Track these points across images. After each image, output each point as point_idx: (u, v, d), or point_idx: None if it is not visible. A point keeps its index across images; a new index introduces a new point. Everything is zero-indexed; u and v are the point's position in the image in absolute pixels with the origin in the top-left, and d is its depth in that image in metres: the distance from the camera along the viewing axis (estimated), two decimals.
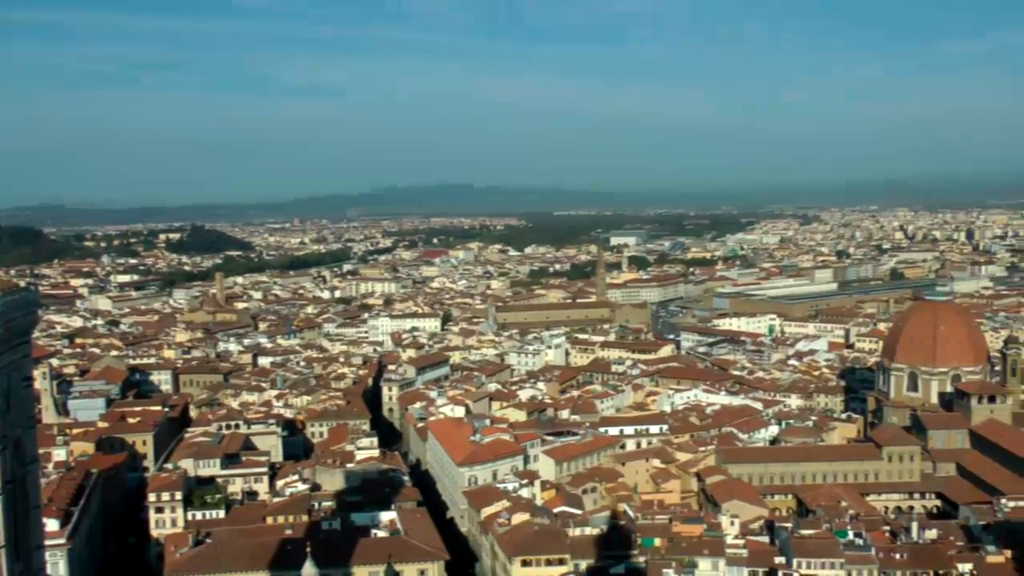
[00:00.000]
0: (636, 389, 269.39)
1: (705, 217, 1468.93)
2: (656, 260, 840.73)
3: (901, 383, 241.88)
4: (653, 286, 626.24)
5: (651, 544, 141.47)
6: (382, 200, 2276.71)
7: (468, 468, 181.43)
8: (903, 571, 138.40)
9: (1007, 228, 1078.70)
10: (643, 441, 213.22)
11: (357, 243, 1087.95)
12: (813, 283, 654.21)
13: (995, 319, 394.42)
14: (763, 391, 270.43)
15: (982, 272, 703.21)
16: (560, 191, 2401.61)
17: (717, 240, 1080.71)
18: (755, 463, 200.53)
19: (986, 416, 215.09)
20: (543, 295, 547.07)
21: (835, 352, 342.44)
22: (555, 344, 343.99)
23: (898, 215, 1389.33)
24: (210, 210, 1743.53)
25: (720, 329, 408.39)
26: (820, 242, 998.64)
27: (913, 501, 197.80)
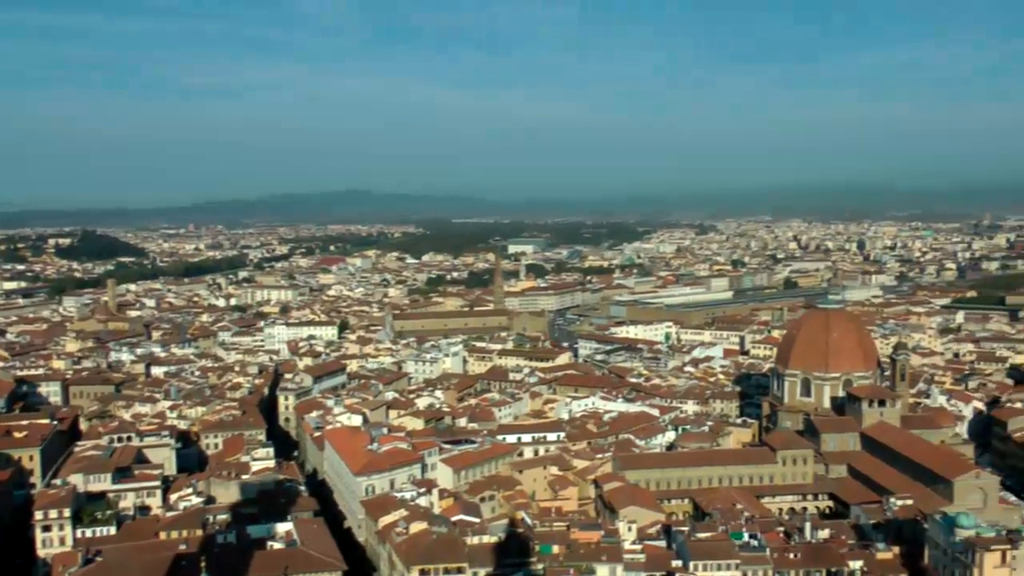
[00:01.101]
0: (534, 397, 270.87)
1: (603, 226, 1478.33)
2: (554, 268, 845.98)
3: (795, 388, 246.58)
4: (551, 294, 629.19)
5: (549, 551, 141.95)
6: (279, 206, 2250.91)
7: (365, 477, 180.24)
8: (797, 570, 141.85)
9: (896, 239, 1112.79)
10: (541, 449, 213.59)
11: (253, 250, 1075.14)
12: (709, 291, 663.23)
13: (885, 326, 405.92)
14: (660, 398, 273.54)
15: (872, 281, 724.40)
16: (458, 199, 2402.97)
17: (614, 248, 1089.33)
18: (652, 469, 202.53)
19: (876, 419, 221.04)
20: (441, 303, 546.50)
21: (730, 359, 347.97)
22: (453, 352, 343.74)
23: (792, 226, 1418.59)
24: (103, 214, 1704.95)
25: (617, 337, 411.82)
26: (716, 251, 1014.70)
27: (806, 502, 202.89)
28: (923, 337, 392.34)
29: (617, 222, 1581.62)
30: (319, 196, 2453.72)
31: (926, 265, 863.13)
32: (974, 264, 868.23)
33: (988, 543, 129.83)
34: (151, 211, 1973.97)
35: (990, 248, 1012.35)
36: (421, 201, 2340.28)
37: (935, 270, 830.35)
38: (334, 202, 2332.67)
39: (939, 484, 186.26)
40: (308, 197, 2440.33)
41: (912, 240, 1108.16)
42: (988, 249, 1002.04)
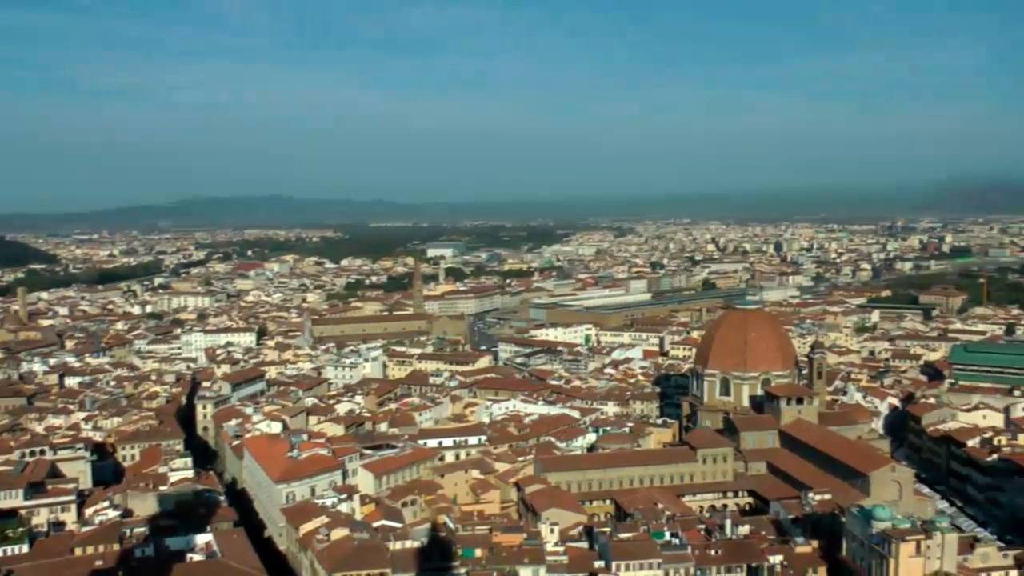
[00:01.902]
0: (454, 401, 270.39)
1: (522, 229, 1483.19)
2: (473, 272, 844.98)
3: (714, 388, 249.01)
4: (470, 298, 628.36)
5: (472, 555, 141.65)
6: (195, 210, 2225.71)
7: (285, 485, 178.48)
8: (718, 567, 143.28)
9: (813, 241, 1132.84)
10: (462, 452, 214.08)
11: (169, 255, 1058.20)
12: (628, 293, 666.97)
13: (802, 326, 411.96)
14: (580, 399, 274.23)
15: (789, 282, 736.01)
16: (377, 203, 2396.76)
17: (534, 251, 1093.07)
18: (573, 471, 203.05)
19: (794, 417, 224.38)
20: (360, 308, 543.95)
21: (650, 360, 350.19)
22: (372, 357, 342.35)
23: (710, 228, 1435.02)
24: (11, 220, 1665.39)
25: (537, 339, 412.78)
26: (635, 253, 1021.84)
27: (727, 500, 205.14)
28: (839, 336, 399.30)
29: (536, 225, 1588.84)
30: (236, 200, 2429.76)
31: (842, 266, 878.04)
32: (888, 265, 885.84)
33: (903, 534, 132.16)
34: (62, 216, 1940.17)
35: (904, 249, 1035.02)
36: (339, 205, 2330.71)
37: (851, 271, 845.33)
38: (251, 206, 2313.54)
39: (856, 478, 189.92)
40: (224, 201, 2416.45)
41: (828, 242, 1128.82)
42: (902, 250, 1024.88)
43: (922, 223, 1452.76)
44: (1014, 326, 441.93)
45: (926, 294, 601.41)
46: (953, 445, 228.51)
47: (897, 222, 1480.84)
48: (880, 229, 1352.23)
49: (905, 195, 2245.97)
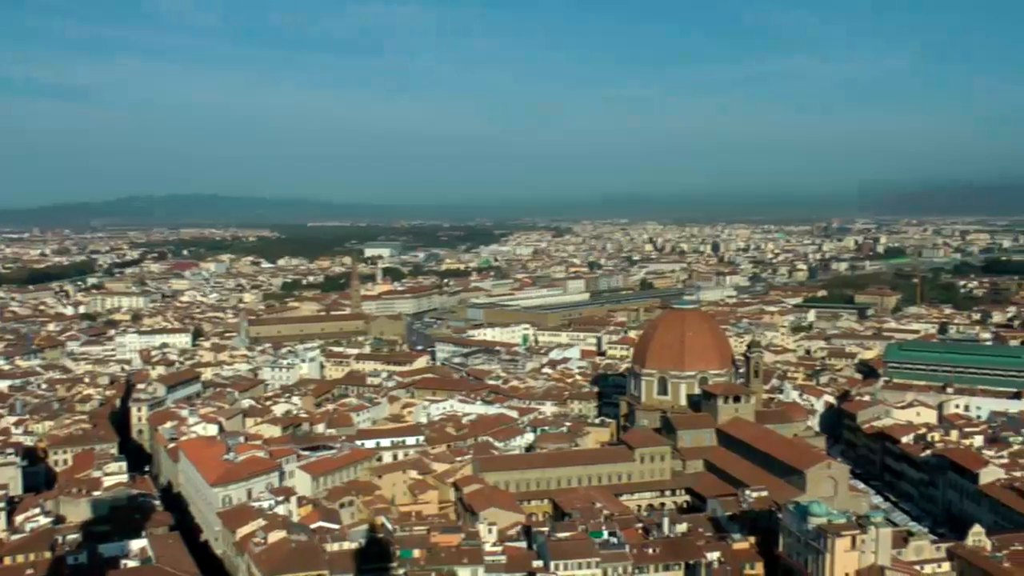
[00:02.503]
0: (392, 401, 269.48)
1: (460, 229, 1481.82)
2: (411, 272, 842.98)
3: (652, 387, 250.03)
4: (408, 298, 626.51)
5: (410, 556, 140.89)
6: (130, 210, 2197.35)
7: (222, 488, 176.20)
8: (656, 565, 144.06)
9: (749, 241, 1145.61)
10: (400, 453, 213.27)
11: (102, 255, 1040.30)
12: (566, 293, 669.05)
13: (739, 325, 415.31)
14: (518, 399, 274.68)
15: (726, 282, 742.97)
16: (314, 203, 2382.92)
17: (471, 251, 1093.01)
18: (511, 470, 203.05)
19: (731, 415, 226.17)
20: (297, 308, 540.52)
21: (588, 359, 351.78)
22: (309, 357, 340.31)
23: (647, 228, 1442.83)
24: None
25: (475, 339, 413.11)
26: (572, 253, 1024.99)
27: (664, 498, 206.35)
28: (776, 335, 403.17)
29: (474, 225, 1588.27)
30: (171, 199, 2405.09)
31: (778, 266, 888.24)
32: (824, 265, 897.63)
33: (839, 529, 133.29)
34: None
35: (839, 250, 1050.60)
36: (276, 205, 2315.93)
37: (787, 271, 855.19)
38: (187, 205, 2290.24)
39: (792, 475, 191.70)
40: (159, 200, 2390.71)
41: (765, 242, 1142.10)
42: (837, 251, 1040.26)
43: (857, 224, 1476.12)
44: (947, 325, 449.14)
45: (861, 294, 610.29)
46: (888, 442, 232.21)
47: (833, 223, 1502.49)
48: (816, 230, 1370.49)
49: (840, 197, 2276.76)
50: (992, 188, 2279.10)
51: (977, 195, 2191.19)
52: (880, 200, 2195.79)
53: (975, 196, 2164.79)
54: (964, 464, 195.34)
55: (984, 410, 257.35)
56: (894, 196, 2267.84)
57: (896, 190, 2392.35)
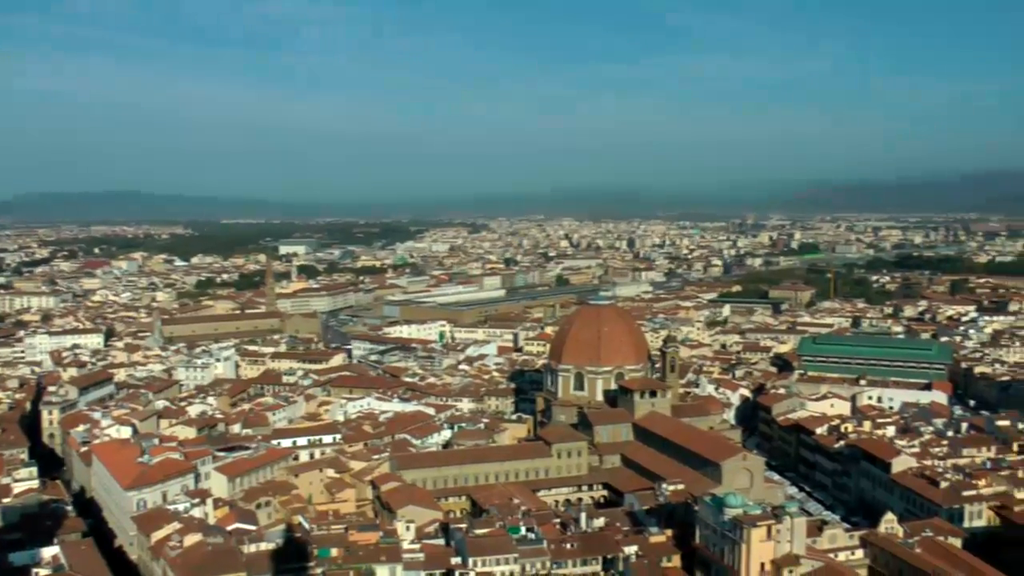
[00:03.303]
0: (308, 399, 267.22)
1: (375, 226, 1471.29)
2: (326, 269, 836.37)
3: (568, 383, 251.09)
4: (323, 295, 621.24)
5: (327, 555, 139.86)
6: (37, 206, 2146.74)
7: (136, 491, 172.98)
8: (574, 560, 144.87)
9: (665, 237, 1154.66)
10: (317, 452, 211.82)
11: (10, 253, 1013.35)
12: (482, 290, 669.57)
13: (655, 321, 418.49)
14: (435, 396, 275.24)
15: (642, 277, 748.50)
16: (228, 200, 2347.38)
17: (387, 248, 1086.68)
18: (429, 468, 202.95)
19: (648, 410, 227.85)
20: (211, 306, 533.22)
21: (504, 356, 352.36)
22: (224, 357, 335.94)
23: (563, 224, 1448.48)
24: None
25: (391, 337, 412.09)
26: (489, 250, 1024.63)
27: (582, 493, 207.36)
28: (691, 330, 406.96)
29: (390, 222, 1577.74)
30: (81, 196, 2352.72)
31: (694, 262, 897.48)
32: (739, 260, 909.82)
33: (754, 520, 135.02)
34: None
35: (754, 245, 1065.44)
36: (189, 202, 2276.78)
37: (702, 266, 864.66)
38: (98, 202, 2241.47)
39: (708, 468, 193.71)
40: (69, 197, 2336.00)
41: (680, 238, 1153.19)
42: (752, 246, 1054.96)
43: (772, 220, 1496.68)
44: (860, 319, 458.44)
45: (776, 289, 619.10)
46: (802, 433, 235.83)
47: (747, 219, 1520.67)
48: (731, 226, 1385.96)
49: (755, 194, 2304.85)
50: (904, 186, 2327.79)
51: (889, 192, 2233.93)
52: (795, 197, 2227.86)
53: (887, 193, 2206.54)
54: (877, 454, 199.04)
55: (896, 401, 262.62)
56: (808, 193, 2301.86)
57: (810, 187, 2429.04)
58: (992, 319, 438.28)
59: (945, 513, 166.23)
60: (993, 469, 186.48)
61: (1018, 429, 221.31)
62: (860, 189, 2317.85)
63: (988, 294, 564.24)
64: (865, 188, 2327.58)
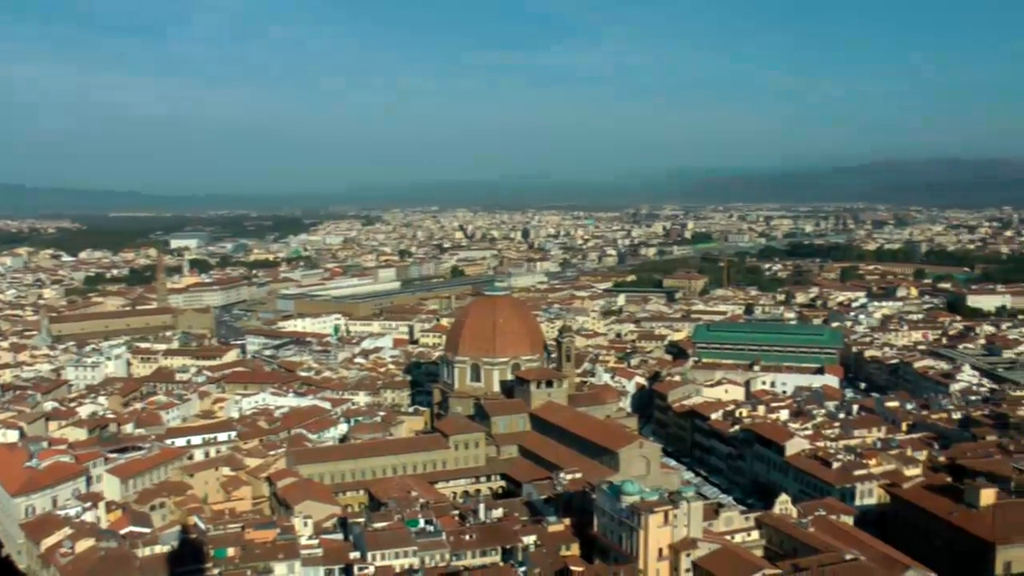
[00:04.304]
0: (203, 397, 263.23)
1: (268, 218, 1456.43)
2: (219, 263, 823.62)
3: (464, 374, 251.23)
4: (216, 290, 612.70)
5: (224, 555, 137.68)
6: None
7: (24, 497, 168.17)
8: (473, 551, 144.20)
9: (559, 228, 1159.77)
10: (212, 450, 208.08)
11: None
12: (377, 282, 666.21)
13: (550, 311, 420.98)
14: (331, 390, 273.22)
15: (537, 268, 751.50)
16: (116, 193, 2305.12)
17: (280, 241, 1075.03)
18: (326, 462, 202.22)
19: (544, 400, 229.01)
20: (101, 303, 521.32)
21: (400, 348, 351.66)
22: (115, 355, 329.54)
23: (458, 215, 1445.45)
24: None
25: (286, 331, 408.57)
26: (383, 242, 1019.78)
27: (480, 484, 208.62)
28: (587, 320, 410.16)
29: (283, 214, 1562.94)
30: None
31: (588, 252, 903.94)
32: (633, 250, 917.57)
33: (651, 506, 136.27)
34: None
35: (648, 235, 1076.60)
36: (76, 196, 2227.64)
37: (597, 256, 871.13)
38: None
39: (605, 456, 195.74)
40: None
41: (575, 228, 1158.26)
42: (646, 236, 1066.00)
43: (665, 210, 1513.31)
44: (752, 306, 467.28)
45: (670, 278, 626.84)
46: (697, 419, 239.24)
47: (641, 209, 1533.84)
48: (625, 216, 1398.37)
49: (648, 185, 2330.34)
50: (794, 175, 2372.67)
51: (780, 182, 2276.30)
52: (688, 187, 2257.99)
53: (779, 184, 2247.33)
54: (770, 437, 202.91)
55: (789, 386, 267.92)
56: (702, 183, 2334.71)
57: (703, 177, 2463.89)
58: (881, 305, 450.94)
59: (837, 492, 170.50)
60: (883, 448, 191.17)
61: (906, 410, 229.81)
62: (752, 179, 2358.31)
63: (877, 280, 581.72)
64: (757, 179, 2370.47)
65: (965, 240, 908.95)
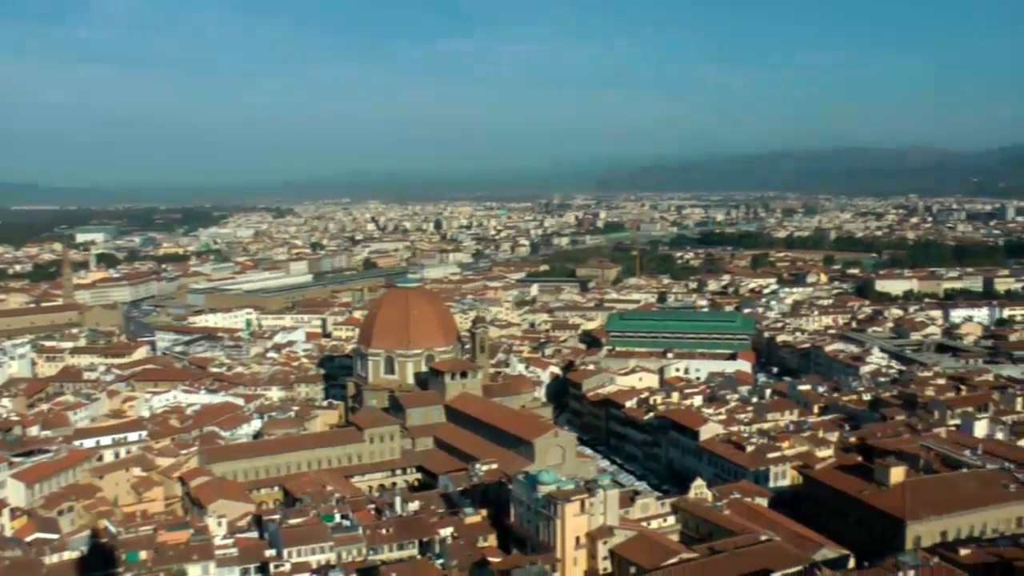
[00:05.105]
0: (112, 396, 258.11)
1: (177, 211, 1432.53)
2: (127, 257, 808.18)
3: (378, 367, 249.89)
4: (124, 285, 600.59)
5: (136, 559, 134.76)
6: None
7: None
8: (390, 545, 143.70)
9: (472, 219, 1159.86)
10: (122, 450, 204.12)
11: None
12: (289, 275, 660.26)
13: (463, 302, 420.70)
14: (244, 386, 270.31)
15: (450, 259, 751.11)
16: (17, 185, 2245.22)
17: (190, 235, 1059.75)
18: (239, 460, 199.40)
19: (459, 391, 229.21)
20: (3, 300, 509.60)
21: (313, 342, 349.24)
22: (19, 354, 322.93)
23: (369, 207, 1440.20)
24: None
25: (196, 326, 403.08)
26: (294, 235, 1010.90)
27: (396, 477, 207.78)
28: (500, 310, 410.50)
29: (192, 207, 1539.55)
30: None
31: (501, 242, 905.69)
32: (546, 240, 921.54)
33: (568, 495, 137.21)
34: None
35: (560, 225, 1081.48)
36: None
37: (510, 247, 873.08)
38: None
39: (521, 446, 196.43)
40: None
41: (487, 219, 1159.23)
42: (559, 226, 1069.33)
43: (577, 200, 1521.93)
44: (665, 294, 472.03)
45: (582, 267, 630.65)
46: (612, 407, 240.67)
47: (554, 200, 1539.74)
48: (537, 206, 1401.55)
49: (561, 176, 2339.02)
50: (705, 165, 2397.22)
51: (691, 172, 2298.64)
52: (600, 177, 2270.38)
53: (690, 173, 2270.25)
54: (685, 423, 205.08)
55: (703, 372, 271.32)
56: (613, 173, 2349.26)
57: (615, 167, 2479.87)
58: (792, 291, 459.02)
59: (751, 475, 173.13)
60: (795, 431, 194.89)
61: (818, 393, 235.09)
62: (664, 169, 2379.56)
63: (787, 267, 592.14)
64: (668, 168, 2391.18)
65: (873, 227, 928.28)
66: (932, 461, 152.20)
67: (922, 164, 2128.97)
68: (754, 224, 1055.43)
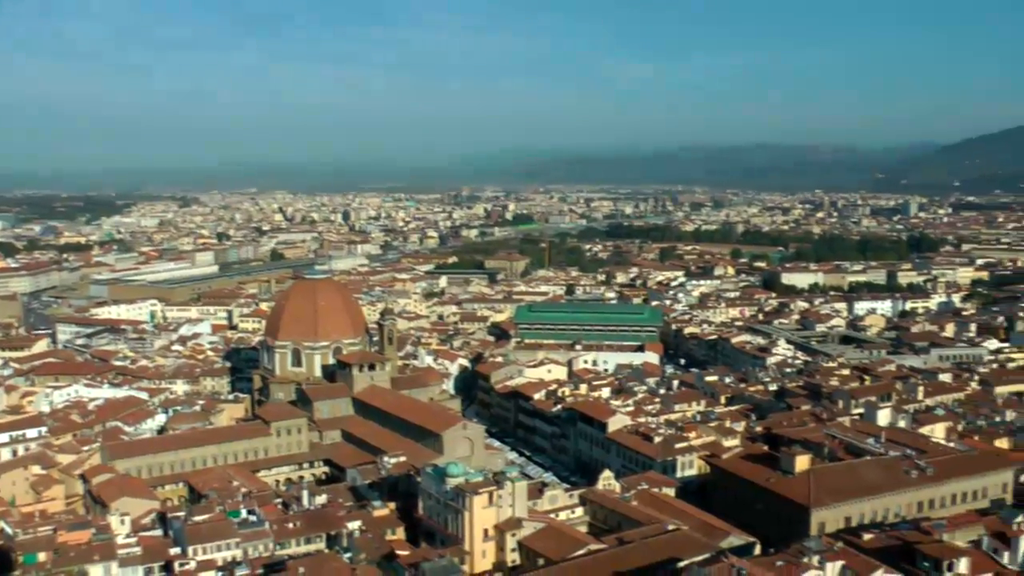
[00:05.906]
0: (9, 391, 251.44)
1: (79, 199, 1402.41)
2: (26, 246, 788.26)
3: (285, 359, 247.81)
4: (23, 275, 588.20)
5: (34, 561, 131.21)
6: None
7: None
8: (297, 539, 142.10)
9: (380, 210, 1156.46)
10: (20, 448, 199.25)
11: None
12: (194, 266, 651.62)
13: (371, 293, 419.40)
14: (148, 380, 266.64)
15: (358, 251, 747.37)
16: None
17: (92, 224, 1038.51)
18: (143, 456, 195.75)
19: (367, 383, 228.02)
20: None
21: (219, 334, 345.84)
22: None
23: (277, 197, 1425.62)
24: None
25: (99, 318, 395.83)
26: (200, 224, 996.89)
27: (303, 471, 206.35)
28: (409, 302, 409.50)
29: (94, 195, 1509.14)
30: None
31: (409, 234, 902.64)
32: (455, 232, 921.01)
33: (476, 487, 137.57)
34: None
35: (469, 217, 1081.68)
36: None
37: (418, 238, 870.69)
38: None
39: (429, 438, 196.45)
40: None
41: (396, 210, 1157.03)
42: (468, 218, 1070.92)
43: (486, 192, 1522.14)
44: (574, 286, 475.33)
45: (491, 259, 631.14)
46: (521, 399, 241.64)
47: (463, 192, 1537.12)
48: (446, 198, 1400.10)
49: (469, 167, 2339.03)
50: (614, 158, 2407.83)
51: (600, 165, 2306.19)
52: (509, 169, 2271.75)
53: (598, 166, 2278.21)
54: (593, 415, 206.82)
55: (611, 364, 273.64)
56: (522, 165, 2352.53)
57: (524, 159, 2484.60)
58: (699, 283, 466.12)
59: (659, 466, 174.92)
60: (702, 421, 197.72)
61: (725, 383, 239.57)
62: (572, 161, 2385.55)
63: (695, 260, 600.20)
64: (577, 161, 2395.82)
65: (780, 221, 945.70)
66: (836, 449, 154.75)
67: (828, 160, 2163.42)
68: (662, 217, 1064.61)
